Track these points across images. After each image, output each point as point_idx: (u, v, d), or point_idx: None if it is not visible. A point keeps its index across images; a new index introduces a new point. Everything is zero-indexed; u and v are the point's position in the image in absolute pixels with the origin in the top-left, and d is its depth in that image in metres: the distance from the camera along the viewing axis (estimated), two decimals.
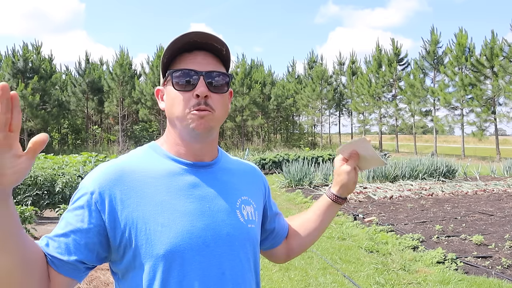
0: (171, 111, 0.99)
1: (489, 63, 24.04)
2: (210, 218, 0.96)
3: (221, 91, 0.99)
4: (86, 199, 0.90)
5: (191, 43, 0.96)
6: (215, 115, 0.97)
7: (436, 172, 12.99)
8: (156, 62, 33.04)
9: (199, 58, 0.97)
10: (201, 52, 0.98)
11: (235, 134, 39.11)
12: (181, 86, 0.96)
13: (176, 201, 0.94)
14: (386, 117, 34.24)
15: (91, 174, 0.95)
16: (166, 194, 0.94)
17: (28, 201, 7.45)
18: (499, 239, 5.79)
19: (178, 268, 0.90)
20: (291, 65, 44.05)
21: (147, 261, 0.90)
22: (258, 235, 1.08)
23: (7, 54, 30.64)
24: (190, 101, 0.95)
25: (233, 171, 1.10)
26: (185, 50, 0.97)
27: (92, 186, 0.91)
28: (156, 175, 0.96)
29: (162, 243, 0.89)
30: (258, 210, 1.11)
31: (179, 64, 0.98)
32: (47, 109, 30.88)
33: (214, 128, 0.99)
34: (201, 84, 0.95)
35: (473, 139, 29.70)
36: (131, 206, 0.91)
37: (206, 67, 0.97)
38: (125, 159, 1.00)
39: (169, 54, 0.97)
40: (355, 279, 4.49)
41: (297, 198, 9.88)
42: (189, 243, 0.91)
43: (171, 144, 1.02)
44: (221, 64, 1.02)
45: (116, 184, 0.92)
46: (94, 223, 0.89)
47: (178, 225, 0.92)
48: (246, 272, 1.00)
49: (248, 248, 1.01)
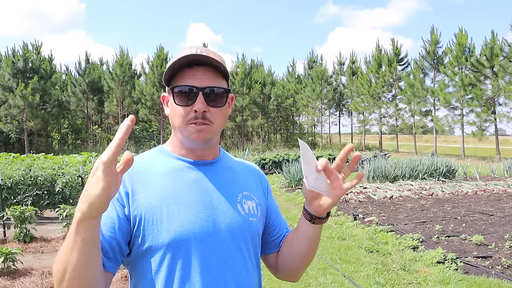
0: (173, 121, 1.07)
1: (489, 63, 24.03)
2: (211, 210, 1.03)
3: (219, 104, 1.05)
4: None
5: (191, 60, 1.03)
6: (213, 128, 1.05)
7: (436, 172, 12.98)
8: (156, 62, 33.04)
9: (199, 73, 1.03)
10: (201, 68, 1.04)
11: (235, 134, 39.11)
12: (182, 101, 1.03)
13: (180, 194, 1.02)
14: (386, 117, 34.25)
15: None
16: (171, 188, 1.02)
17: (28, 201, 7.46)
18: (499, 239, 5.79)
19: (182, 255, 0.98)
20: (291, 65, 44.18)
21: (154, 249, 0.98)
22: (260, 228, 1.13)
23: (7, 54, 30.70)
24: (189, 115, 1.03)
25: (235, 169, 1.17)
26: (185, 65, 1.04)
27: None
28: (163, 171, 1.05)
29: (168, 232, 0.97)
30: (261, 205, 1.15)
31: (180, 79, 1.04)
32: (47, 109, 30.87)
33: (212, 138, 1.07)
34: (200, 100, 1.02)
35: (473, 139, 29.69)
36: (140, 200, 0.99)
37: (205, 83, 1.03)
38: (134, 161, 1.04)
39: (170, 72, 1.04)
40: (355, 279, 4.48)
41: (297, 198, 9.89)
42: (192, 232, 0.99)
43: (175, 146, 1.11)
44: (221, 77, 1.07)
45: (128, 181, 1.00)
46: (121, 216, 0.98)
47: (183, 216, 0.99)
48: (247, 261, 1.06)
49: (248, 239, 1.07)
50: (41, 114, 29.57)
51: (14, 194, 7.56)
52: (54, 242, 6.01)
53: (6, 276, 4.46)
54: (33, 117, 29.26)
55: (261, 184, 1.21)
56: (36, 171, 7.90)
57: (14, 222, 5.92)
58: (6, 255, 4.52)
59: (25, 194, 7.56)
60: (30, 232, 6.08)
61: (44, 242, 5.99)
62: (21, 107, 28.86)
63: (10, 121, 29.40)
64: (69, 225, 6.39)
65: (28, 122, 29.54)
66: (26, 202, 7.42)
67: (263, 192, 1.21)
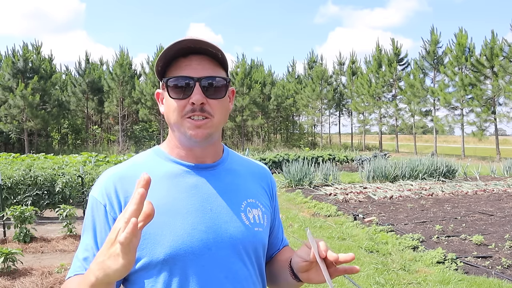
0: (168, 117, 0.97)
1: (489, 63, 24.03)
2: (212, 220, 0.93)
3: (218, 96, 0.95)
4: (103, 212, 0.93)
5: (185, 48, 0.93)
6: (213, 121, 0.94)
7: (436, 172, 12.98)
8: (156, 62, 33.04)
9: (194, 63, 0.94)
10: (197, 57, 0.94)
11: (235, 134, 39.11)
12: (177, 94, 0.93)
13: (177, 203, 0.93)
14: (386, 117, 34.24)
15: (97, 185, 0.96)
16: (167, 196, 0.93)
17: (28, 201, 7.45)
18: (499, 239, 5.79)
19: (179, 272, 0.89)
20: (291, 65, 44.15)
21: (148, 267, 0.89)
22: (265, 239, 1.04)
23: (7, 54, 30.67)
24: (185, 108, 0.93)
25: (240, 172, 1.06)
26: (180, 55, 0.94)
27: (102, 199, 0.93)
28: (158, 177, 0.95)
29: (162, 246, 0.88)
30: (267, 214, 1.06)
31: (174, 70, 0.94)
32: (47, 109, 30.85)
33: (213, 134, 0.97)
34: (197, 92, 0.92)
35: (473, 139, 29.69)
36: None
37: (202, 72, 0.93)
38: (127, 165, 1.00)
39: (162, 62, 0.94)
40: (355, 279, 4.48)
41: (297, 198, 9.88)
42: (190, 246, 0.89)
43: (172, 147, 1.01)
44: (219, 67, 0.97)
45: (119, 192, 0.93)
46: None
47: (179, 228, 0.90)
48: (251, 275, 0.97)
49: (253, 252, 0.98)
50: (41, 114, 29.56)
51: (14, 194, 7.56)
52: (54, 242, 6.01)
53: (6, 276, 4.46)
54: (33, 117, 29.25)
55: (268, 189, 1.11)
56: (36, 171, 7.90)
57: (14, 222, 5.92)
58: (6, 255, 4.52)
59: (25, 194, 7.56)
60: (30, 232, 6.08)
61: (44, 242, 5.99)
62: (21, 107, 28.85)
63: (10, 121, 29.39)
64: (69, 225, 6.40)
65: (28, 122, 29.53)
66: (26, 202, 7.42)
67: (270, 198, 1.11)
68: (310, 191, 10.87)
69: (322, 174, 12.44)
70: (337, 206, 8.54)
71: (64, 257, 5.37)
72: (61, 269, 4.62)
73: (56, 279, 4.37)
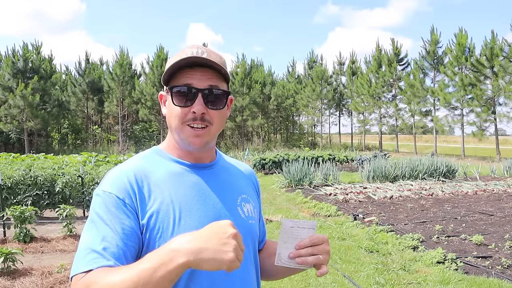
0: (170, 121, 1.04)
1: (489, 63, 24.02)
2: (215, 215, 1.01)
3: (218, 107, 1.02)
4: (122, 206, 0.94)
5: (191, 62, 1.00)
6: (211, 130, 1.02)
7: (436, 172, 12.99)
8: (156, 62, 33.05)
9: (199, 73, 1.00)
10: (201, 68, 1.01)
11: (235, 134, 39.09)
12: (180, 102, 1.00)
13: (183, 199, 0.99)
14: (386, 117, 34.24)
15: (111, 181, 0.98)
16: (174, 193, 0.99)
17: (28, 201, 7.45)
18: (499, 239, 5.79)
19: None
20: (291, 65, 44.18)
21: None
22: (257, 231, 1.15)
23: (7, 54, 30.68)
24: (187, 116, 1.00)
25: (232, 171, 1.16)
26: (186, 66, 1.01)
27: (120, 194, 0.96)
28: (163, 176, 1.01)
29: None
30: (257, 208, 1.17)
31: (178, 78, 1.01)
32: (47, 109, 30.86)
33: (210, 141, 1.05)
34: (199, 102, 0.99)
35: (473, 139, 29.68)
36: (146, 207, 0.96)
37: (205, 83, 1.00)
38: (135, 163, 1.04)
39: (169, 73, 1.01)
40: (355, 279, 4.48)
41: (297, 198, 9.88)
42: None
43: (172, 148, 1.08)
44: (221, 79, 1.04)
45: (134, 187, 0.97)
46: (136, 224, 0.95)
47: (187, 223, 0.97)
48: (248, 265, 1.06)
49: (249, 243, 1.07)
50: (41, 114, 29.56)
51: (14, 194, 7.56)
52: (54, 242, 6.01)
53: (6, 276, 4.46)
54: (33, 117, 29.25)
55: (255, 186, 1.22)
56: (36, 171, 7.90)
57: (14, 222, 5.92)
58: (6, 255, 4.52)
59: (25, 194, 7.56)
60: (30, 232, 6.08)
61: (44, 242, 5.99)
62: (21, 107, 28.85)
63: (10, 121, 29.38)
64: (69, 225, 6.38)
65: (28, 122, 29.53)
66: (26, 202, 7.42)
67: (257, 194, 1.22)
68: (310, 191, 10.87)
69: (322, 174, 12.44)
70: (337, 206, 8.54)
71: (64, 257, 5.37)
72: (61, 269, 4.62)
73: (56, 279, 4.37)
